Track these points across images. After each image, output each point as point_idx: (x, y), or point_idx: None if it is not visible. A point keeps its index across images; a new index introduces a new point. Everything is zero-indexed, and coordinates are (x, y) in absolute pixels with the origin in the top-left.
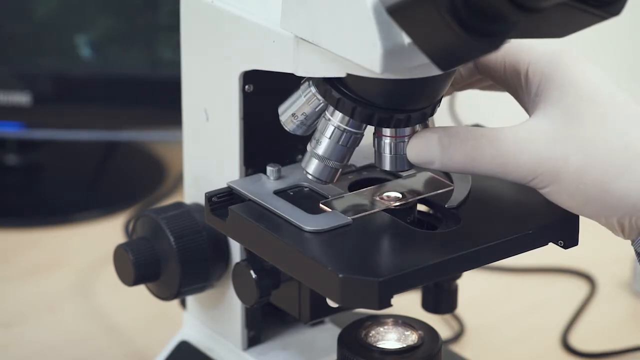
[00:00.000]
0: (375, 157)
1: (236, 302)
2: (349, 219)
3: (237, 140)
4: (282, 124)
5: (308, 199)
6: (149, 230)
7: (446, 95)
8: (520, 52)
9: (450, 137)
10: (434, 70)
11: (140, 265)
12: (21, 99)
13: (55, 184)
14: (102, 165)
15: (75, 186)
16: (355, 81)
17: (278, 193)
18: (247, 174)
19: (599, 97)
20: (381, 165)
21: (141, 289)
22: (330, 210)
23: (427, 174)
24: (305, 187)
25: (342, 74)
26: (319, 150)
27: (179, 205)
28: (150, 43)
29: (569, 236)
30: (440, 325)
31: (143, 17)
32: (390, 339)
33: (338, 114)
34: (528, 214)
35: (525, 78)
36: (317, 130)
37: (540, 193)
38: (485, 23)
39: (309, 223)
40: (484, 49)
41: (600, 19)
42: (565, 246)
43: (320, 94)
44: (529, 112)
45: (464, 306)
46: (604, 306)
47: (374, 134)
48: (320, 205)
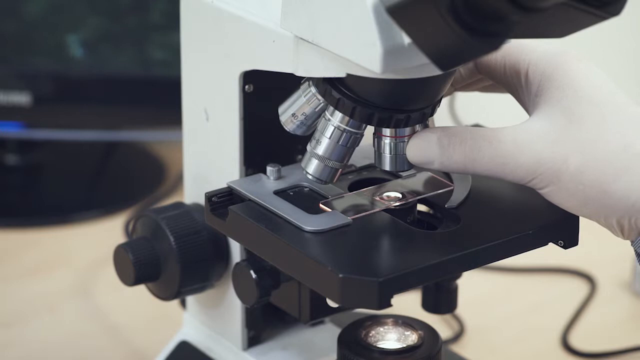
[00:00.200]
0: (375, 157)
1: (236, 302)
2: (349, 219)
3: (237, 140)
4: (282, 124)
5: (308, 199)
6: (149, 230)
7: (446, 95)
8: (521, 53)
9: (450, 137)
10: (434, 70)
11: (140, 265)
12: (21, 99)
13: (55, 184)
14: (102, 165)
15: (75, 186)
16: (355, 81)
17: (278, 193)
18: (247, 174)
19: (599, 98)
20: (381, 165)
21: (141, 289)
22: (330, 210)
23: (427, 174)
24: (305, 187)
25: (342, 74)
26: (319, 150)
27: (179, 205)
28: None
29: (569, 236)
30: (440, 325)
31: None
32: (390, 339)
33: (338, 114)
34: (528, 214)
35: (525, 78)
36: (317, 130)
37: (540, 194)
38: (485, 23)
39: (309, 223)
40: (484, 49)
41: (601, 19)
42: (565, 246)
43: (320, 94)
44: (529, 112)
45: (464, 306)
46: (604, 306)
47: (373, 134)
48: (320, 205)
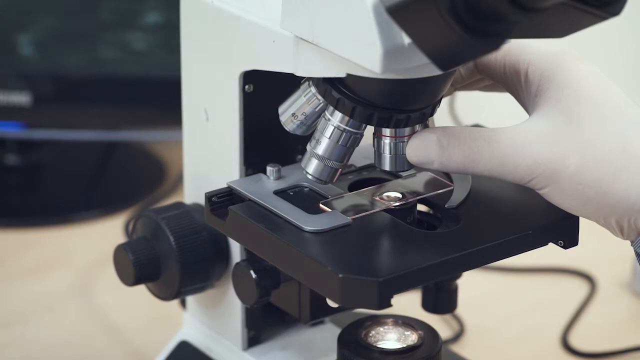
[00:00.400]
0: (375, 157)
1: (236, 302)
2: (349, 219)
3: (237, 140)
4: (282, 123)
5: (308, 199)
6: (149, 230)
7: (446, 95)
8: (521, 53)
9: (449, 138)
10: (434, 70)
11: (140, 265)
12: (21, 99)
13: (55, 184)
14: (102, 165)
15: (75, 186)
16: (355, 81)
17: (278, 193)
18: (247, 174)
19: (599, 99)
20: (381, 165)
21: (141, 289)
22: (330, 210)
23: (427, 174)
24: (305, 187)
25: (342, 74)
26: (319, 150)
27: (179, 205)
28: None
29: (569, 236)
30: (440, 325)
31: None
32: (390, 339)
33: (338, 114)
34: (528, 214)
35: (525, 78)
36: (317, 130)
37: (539, 194)
38: (485, 23)
39: (309, 223)
40: (484, 49)
41: (601, 19)
42: (565, 246)
43: (320, 93)
44: (528, 112)
45: (464, 306)
46: (604, 306)
47: (373, 134)
48: (320, 205)
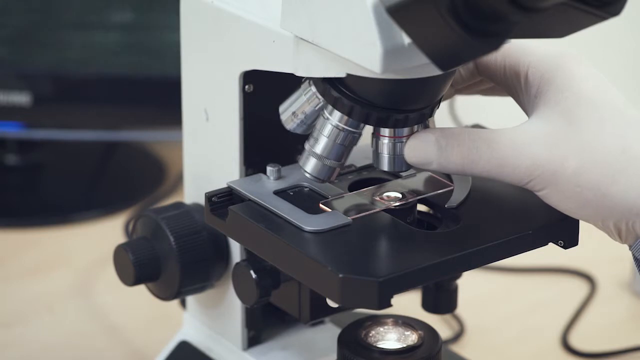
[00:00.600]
0: (373, 158)
1: (236, 302)
2: (349, 219)
3: (237, 140)
4: (283, 122)
5: (308, 199)
6: (149, 230)
7: (446, 98)
8: (521, 54)
9: (448, 139)
10: (434, 71)
11: (140, 265)
12: (21, 99)
13: (55, 184)
14: (102, 165)
15: (75, 186)
16: (354, 80)
17: (278, 193)
18: (247, 174)
19: (598, 101)
20: (380, 165)
21: (141, 289)
22: (330, 210)
23: (427, 174)
24: (305, 187)
25: (342, 74)
26: (317, 149)
27: (179, 205)
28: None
29: (569, 236)
30: (440, 325)
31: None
32: (390, 339)
33: (336, 113)
34: (528, 214)
35: (525, 80)
36: (316, 128)
37: (538, 196)
38: (485, 23)
39: (309, 223)
40: (484, 49)
41: (601, 19)
42: (565, 246)
43: (319, 92)
44: (528, 114)
45: (464, 306)
46: (604, 306)
47: (372, 134)
48: (320, 205)
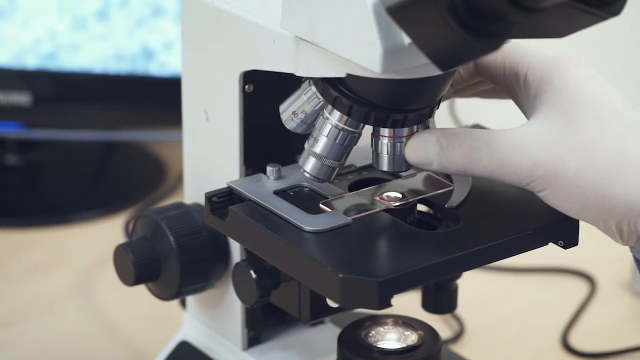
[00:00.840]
0: (373, 158)
1: (236, 302)
2: (349, 219)
3: (237, 140)
4: (283, 122)
5: (308, 199)
6: (149, 230)
7: (446, 98)
8: (521, 55)
9: (449, 139)
10: (434, 71)
11: (140, 265)
12: (21, 99)
13: (55, 184)
14: (102, 165)
15: (75, 186)
16: (354, 80)
17: (278, 193)
18: (247, 174)
19: (597, 102)
20: (379, 165)
21: (141, 289)
22: (330, 210)
23: (427, 174)
24: (305, 187)
25: (342, 74)
26: (317, 148)
27: (179, 205)
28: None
29: (569, 236)
30: (440, 325)
31: None
32: (390, 339)
33: (336, 113)
34: (528, 214)
35: (524, 81)
36: (315, 128)
37: (539, 197)
38: (485, 23)
39: (309, 223)
40: (484, 49)
41: (601, 19)
42: (565, 246)
43: (319, 92)
44: (527, 115)
45: (464, 306)
46: (604, 306)
47: (372, 134)
48: (320, 205)
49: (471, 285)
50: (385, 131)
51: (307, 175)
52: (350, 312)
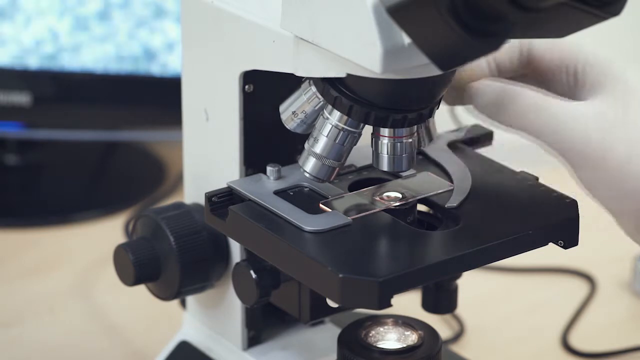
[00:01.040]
0: (373, 158)
1: (236, 302)
2: (349, 219)
3: (237, 140)
4: (283, 122)
5: (308, 199)
6: (149, 230)
7: (481, 77)
8: (576, 49)
9: (513, 95)
10: (434, 71)
11: (140, 265)
12: (21, 99)
13: (55, 184)
14: (102, 165)
15: (75, 186)
16: (354, 80)
17: (278, 193)
18: (247, 174)
19: None
20: (379, 165)
21: (141, 289)
22: (330, 210)
23: (427, 174)
24: (305, 187)
25: (342, 74)
26: (317, 148)
27: (179, 205)
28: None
29: (569, 236)
30: (440, 325)
31: None
32: (390, 339)
33: (336, 113)
34: (528, 214)
35: (580, 72)
36: (315, 128)
37: (577, 178)
38: (485, 23)
39: (309, 223)
40: (484, 49)
41: (601, 19)
42: (565, 246)
43: (319, 91)
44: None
45: (464, 306)
46: (604, 306)
47: (372, 134)
48: (320, 205)
49: (471, 285)
50: (385, 131)
51: (307, 175)
52: (350, 312)
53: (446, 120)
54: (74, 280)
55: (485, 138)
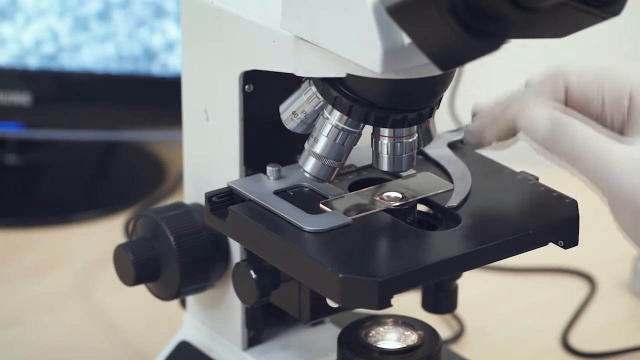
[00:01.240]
0: (373, 158)
1: (236, 302)
2: (349, 219)
3: (237, 140)
4: (283, 122)
5: (308, 199)
6: (149, 230)
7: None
8: (620, 77)
9: (564, 126)
10: (434, 70)
11: (140, 265)
12: (21, 99)
13: (55, 184)
14: (102, 165)
15: (75, 186)
16: (354, 80)
17: (278, 193)
18: (247, 174)
19: None
20: (379, 165)
21: (141, 289)
22: (330, 210)
23: (427, 174)
24: (305, 187)
25: (342, 74)
26: (317, 148)
27: (179, 205)
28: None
29: (569, 236)
30: (440, 325)
31: None
32: (390, 339)
33: (336, 113)
34: (528, 214)
35: (630, 101)
36: (315, 128)
37: (617, 222)
38: (485, 23)
39: (309, 223)
40: (484, 49)
41: (600, 19)
42: (565, 246)
43: (319, 92)
44: (628, 133)
45: (464, 306)
46: (604, 306)
47: (372, 134)
48: (320, 205)
49: (471, 285)
50: (385, 131)
51: (307, 175)
52: (350, 312)
53: (446, 120)
54: (74, 280)
55: None
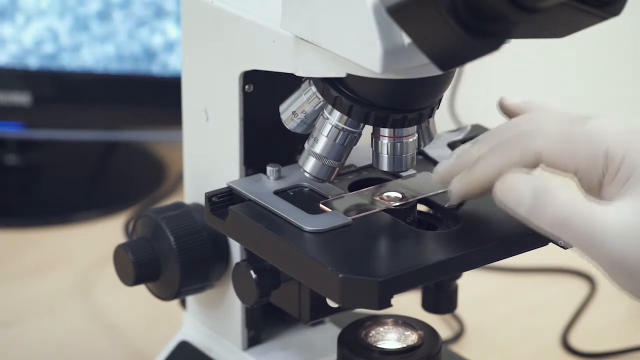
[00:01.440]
0: (373, 158)
1: (236, 302)
2: (349, 219)
3: (237, 140)
4: (283, 122)
5: (308, 199)
6: (149, 230)
7: None
8: (593, 136)
9: (545, 193)
10: (434, 70)
11: (140, 265)
12: (21, 99)
13: (55, 184)
14: (102, 165)
15: (75, 186)
16: (354, 80)
17: (278, 193)
18: (247, 174)
19: None
20: (379, 165)
21: (141, 289)
22: (330, 210)
23: (427, 174)
24: (305, 187)
25: (342, 74)
26: (317, 148)
27: (179, 205)
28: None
29: None
30: (440, 325)
31: None
32: (390, 339)
33: (336, 113)
34: None
35: (606, 160)
36: (315, 128)
37: (614, 281)
38: (485, 23)
39: (309, 223)
40: (484, 49)
41: (601, 19)
42: (565, 246)
43: (319, 92)
44: (607, 196)
45: (464, 306)
46: (604, 306)
47: (372, 134)
48: (320, 205)
49: (471, 285)
50: (385, 131)
51: (307, 175)
52: (350, 312)
53: (446, 120)
54: (74, 280)
55: None
